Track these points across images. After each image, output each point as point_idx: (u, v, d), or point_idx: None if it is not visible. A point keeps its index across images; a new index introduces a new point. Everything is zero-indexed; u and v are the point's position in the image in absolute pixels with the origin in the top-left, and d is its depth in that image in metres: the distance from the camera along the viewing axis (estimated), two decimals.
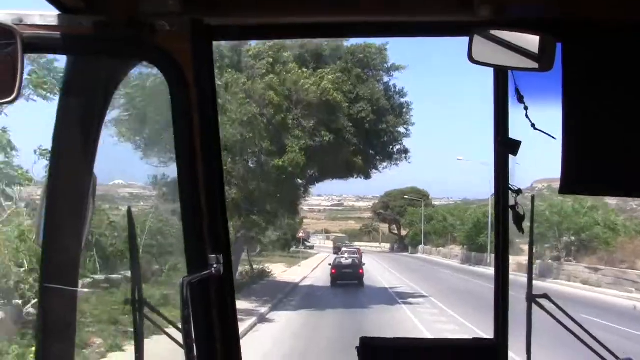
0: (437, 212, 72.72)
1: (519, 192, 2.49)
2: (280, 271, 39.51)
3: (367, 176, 25.75)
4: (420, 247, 71.07)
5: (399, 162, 24.96)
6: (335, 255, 43.57)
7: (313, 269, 44.32)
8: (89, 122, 2.39)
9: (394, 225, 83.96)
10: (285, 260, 49.51)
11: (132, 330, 2.60)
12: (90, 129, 2.40)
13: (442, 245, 64.74)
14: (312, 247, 74.85)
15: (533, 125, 2.36)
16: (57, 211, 2.42)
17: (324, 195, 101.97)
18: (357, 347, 2.54)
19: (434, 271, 44.40)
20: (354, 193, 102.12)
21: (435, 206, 79.34)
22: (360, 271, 33.76)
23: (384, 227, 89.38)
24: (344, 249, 63.04)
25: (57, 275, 2.50)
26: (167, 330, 2.74)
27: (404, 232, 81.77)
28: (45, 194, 2.43)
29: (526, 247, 2.61)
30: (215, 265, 2.11)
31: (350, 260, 35.74)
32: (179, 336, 2.54)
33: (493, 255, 2.58)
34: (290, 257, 53.27)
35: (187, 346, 2.05)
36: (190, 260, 2.20)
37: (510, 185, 2.51)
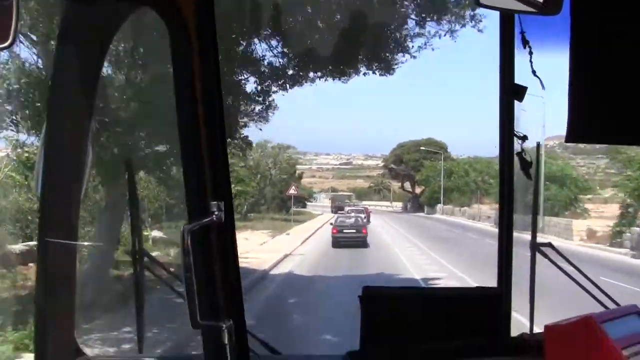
0: (458, 166, 66.14)
1: (524, 138, 2.61)
2: (257, 244, 29.33)
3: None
4: (439, 206, 64.72)
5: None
6: (337, 215, 41.10)
7: (306, 238, 34.74)
8: (86, 68, 2.49)
9: (408, 182, 78.50)
10: (276, 226, 40.72)
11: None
12: (88, 76, 2.50)
13: (466, 205, 58.64)
14: (304, 206, 66.09)
15: (534, 72, 2.45)
16: (55, 160, 2.52)
17: (332, 154, 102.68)
18: (359, 295, 2.66)
19: (473, 241, 30.20)
20: (363, 151, 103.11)
21: (455, 159, 70.55)
22: (364, 231, 32.46)
23: (395, 185, 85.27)
24: (348, 208, 59.26)
25: (56, 227, 2.61)
26: (167, 281, 3.01)
27: (418, 190, 76.00)
28: (43, 142, 2.55)
29: None
30: (216, 213, 2.18)
31: (352, 219, 34.53)
32: (178, 286, 2.81)
33: (548, 218, 2.77)
34: (284, 221, 44.91)
35: (188, 294, 2.14)
36: (191, 208, 2.28)
37: (515, 132, 2.63)
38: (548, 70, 2.69)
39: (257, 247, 27.74)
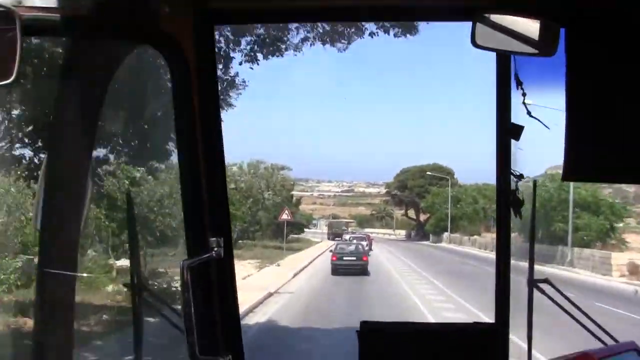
0: (466, 193, 63.71)
1: (520, 177, 2.69)
2: (239, 277, 17.36)
3: None
4: (445, 235, 61.88)
5: None
6: (337, 242, 40.46)
7: (299, 270, 31.36)
8: (88, 105, 2.58)
9: (412, 209, 76.40)
10: (266, 255, 36.68)
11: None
12: (89, 112, 2.59)
13: (476, 233, 55.29)
14: (302, 232, 62.79)
15: (529, 113, 2.54)
16: (56, 194, 2.60)
17: (334, 181, 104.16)
18: (357, 330, 2.74)
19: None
20: (364, 179, 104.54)
21: (462, 186, 68.06)
22: (365, 258, 32.17)
23: (398, 212, 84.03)
24: (347, 236, 58.03)
25: (56, 259, 2.67)
26: (166, 314, 3.07)
27: (422, 217, 73.15)
28: (44, 176, 2.64)
29: None
30: (215, 249, 2.28)
31: (353, 247, 34.04)
32: (177, 321, 2.87)
33: (578, 250, 2.83)
34: (277, 249, 41.20)
35: (187, 330, 2.20)
36: (191, 244, 2.38)
37: (512, 170, 2.71)
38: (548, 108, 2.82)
39: (237, 282, 20.03)
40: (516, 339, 2.90)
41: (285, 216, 42.04)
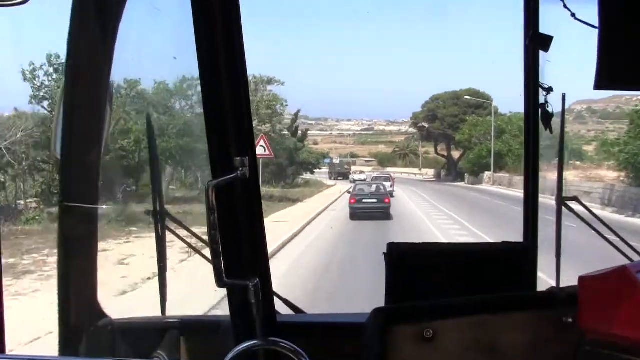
0: (511, 123, 51.69)
1: (549, 90, 2.78)
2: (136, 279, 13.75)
3: None
4: (487, 174, 52.04)
5: None
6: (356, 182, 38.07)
7: (284, 242, 19.81)
8: (104, 27, 2.69)
9: (442, 144, 68.15)
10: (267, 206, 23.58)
11: None
12: (107, 31, 2.71)
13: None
14: (309, 173, 55.35)
15: (573, 15, 2.55)
16: (74, 120, 2.74)
17: (353, 120, 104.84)
18: (384, 252, 2.86)
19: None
20: (384, 117, 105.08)
21: (504, 115, 55.44)
22: (386, 200, 30.43)
23: (426, 149, 78.83)
24: (361, 176, 55.33)
25: (77, 191, 2.85)
26: (190, 241, 3.28)
27: (455, 154, 65.75)
28: (61, 100, 2.77)
29: None
30: (240, 169, 2.36)
31: (373, 187, 32.58)
32: (201, 246, 3.08)
33: None
34: (275, 201, 32.48)
35: (213, 252, 2.31)
36: (215, 164, 2.46)
37: (540, 83, 2.81)
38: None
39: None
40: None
41: (260, 150, 26.42)
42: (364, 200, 30.05)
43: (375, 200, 30.18)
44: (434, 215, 29.40)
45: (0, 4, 1.91)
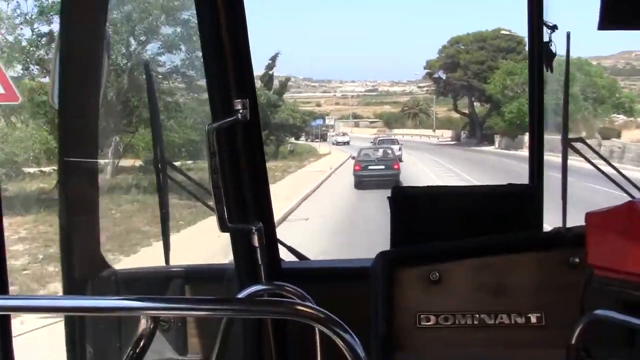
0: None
1: (554, 28, 2.89)
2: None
3: None
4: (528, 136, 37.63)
5: None
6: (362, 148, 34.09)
7: None
8: None
9: (467, 99, 57.45)
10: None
11: None
12: None
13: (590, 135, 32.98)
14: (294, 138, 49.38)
15: None
16: (71, 68, 2.86)
17: (357, 81, 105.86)
18: (388, 197, 2.99)
19: None
20: (388, 78, 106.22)
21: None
22: (396, 166, 28.76)
23: (440, 108, 70.30)
24: (342, 138, 54.38)
25: (77, 145, 2.99)
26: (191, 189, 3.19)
27: (479, 111, 55.64)
28: (57, 50, 2.86)
29: None
30: (241, 111, 2.47)
31: (380, 152, 30.86)
32: (203, 194, 3.01)
33: None
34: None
35: (216, 197, 2.42)
36: (215, 106, 2.56)
37: (545, 21, 2.93)
38: None
39: None
40: None
41: None
42: (370, 167, 28.49)
43: (382, 167, 28.58)
44: None
45: None
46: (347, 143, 53.73)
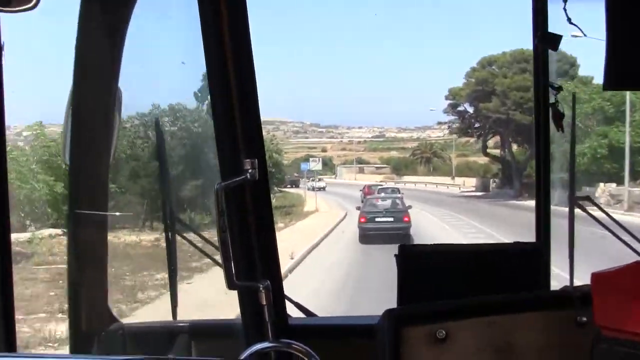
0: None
1: (559, 89, 3.03)
2: None
3: None
4: (602, 187, 31.66)
5: None
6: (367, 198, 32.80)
7: None
8: (111, 33, 2.96)
9: (500, 139, 47.49)
10: None
11: None
12: (114, 37, 2.97)
13: None
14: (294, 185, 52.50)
15: (569, 19, 2.79)
16: (83, 127, 3.02)
17: (364, 127, 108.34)
18: (395, 254, 3.09)
19: None
20: (396, 124, 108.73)
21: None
22: (406, 219, 26.83)
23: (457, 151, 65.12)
24: (323, 184, 50.43)
25: (87, 198, 3.13)
26: (200, 245, 3.27)
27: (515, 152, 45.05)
28: (69, 107, 3.01)
29: None
30: (250, 170, 2.59)
31: (388, 202, 29.21)
32: (212, 251, 3.05)
33: None
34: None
35: (224, 254, 2.52)
36: (224, 166, 2.69)
37: (550, 82, 3.07)
38: (583, 18, 3.27)
39: None
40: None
41: None
42: (377, 219, 26.90)
43: (391, 219, 26.90)
44: None
45: (8, 10, 2.02)
46: (323, 189, 52.41)
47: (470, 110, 49.13)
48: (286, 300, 3.11)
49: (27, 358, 2.24)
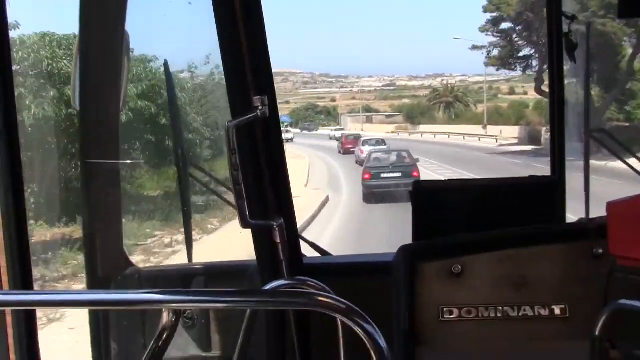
0: None
1: (573, 18, 3.06)
2: None
3: None
4: None
5: None
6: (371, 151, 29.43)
7: None
8: None
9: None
10: None
11: None
12: None
13: None
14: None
15: None
16: (92, 71, 3.09)
17: (375, 76, 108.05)
18: (409, 191, 3.19)
19: None
20: (406, 72, 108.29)
21: None
22: (415, 173, 24.76)
23: (504, 85, 61.02)
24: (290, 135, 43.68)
25: (98, 147, 3.23)
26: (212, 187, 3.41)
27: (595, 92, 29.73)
28: (77, 51, 3.10)
29: None
30: (260, 108, 2.67)
31: (394, 156, 27.25)
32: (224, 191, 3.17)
33: None
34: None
35: (237, 193, 2.61)
36: (234, 104, 2.74)
37: (563, 12, 3.10)
38: None
39: None
40: None
41: None
42: (382, 175, 25.26)
43: (399, 174, 25.11)
44: None
45: None
46: (291, 140, 48.50)
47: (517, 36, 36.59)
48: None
49: (43, 294, 2.29)
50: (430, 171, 27.14)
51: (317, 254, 3.49)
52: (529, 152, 34.76)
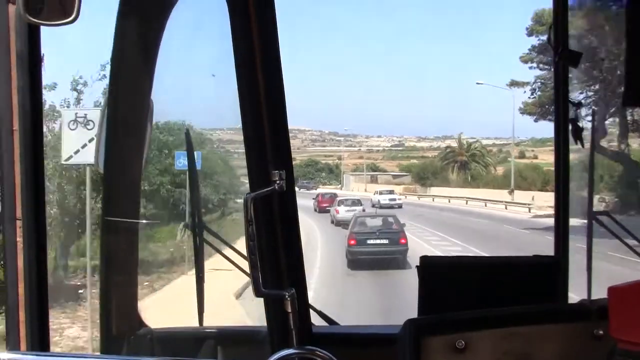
0: None
1: (579, 105, 3.22)
2: None
3: None
4: None
5: None
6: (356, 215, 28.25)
7: None
8: (145, 44, 3.21)
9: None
10: None
11: None
12: (147, 52, 3.21)
13: None
14: None
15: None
16: (117, 135, 3.25)
17: (383, 136, 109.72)
18: (417, 265, 3.29)
19: None
20: (415, 133, 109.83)
21: None
22: (403, 240, 24.71)
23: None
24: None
25: (118, 205, 3.39)
26: (226, 253, 3.50)
27: None
28: (104, 116, 3.28)
29: None
30: (278, 182, 2.80)
31: (379, 220, 26.81)
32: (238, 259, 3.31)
33: None
34: None
35: (251, 263, 2.71)
36: (253, 177, 2.89)
37: (570, 99, 3.25)
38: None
39: None
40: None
41: None
42: (369, 241, 24.93)
43: (385, 241, 24.90)
44: None
45: (49, 24, 2.26)
46: None
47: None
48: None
49: (60, 357, 2.41)
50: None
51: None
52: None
